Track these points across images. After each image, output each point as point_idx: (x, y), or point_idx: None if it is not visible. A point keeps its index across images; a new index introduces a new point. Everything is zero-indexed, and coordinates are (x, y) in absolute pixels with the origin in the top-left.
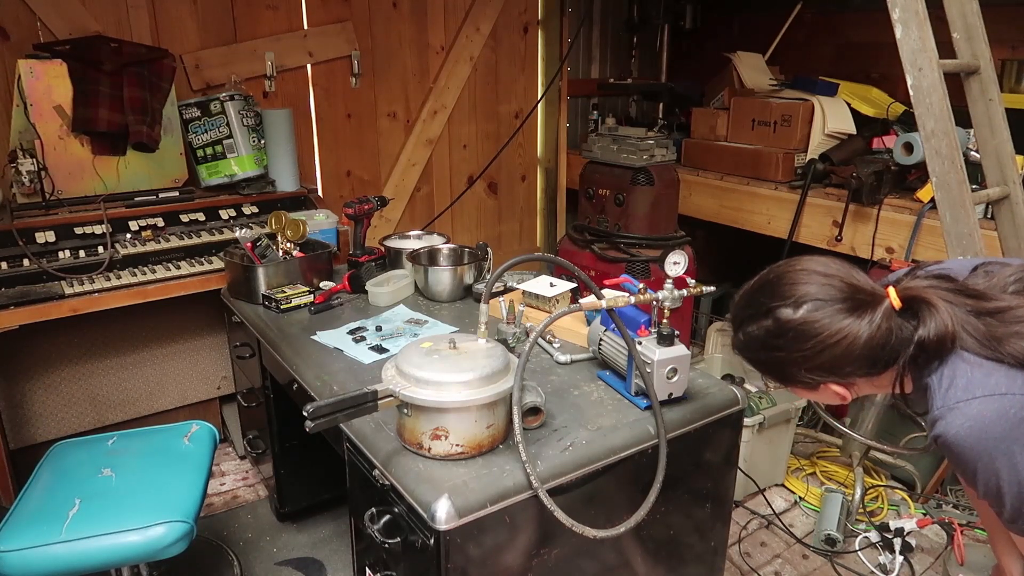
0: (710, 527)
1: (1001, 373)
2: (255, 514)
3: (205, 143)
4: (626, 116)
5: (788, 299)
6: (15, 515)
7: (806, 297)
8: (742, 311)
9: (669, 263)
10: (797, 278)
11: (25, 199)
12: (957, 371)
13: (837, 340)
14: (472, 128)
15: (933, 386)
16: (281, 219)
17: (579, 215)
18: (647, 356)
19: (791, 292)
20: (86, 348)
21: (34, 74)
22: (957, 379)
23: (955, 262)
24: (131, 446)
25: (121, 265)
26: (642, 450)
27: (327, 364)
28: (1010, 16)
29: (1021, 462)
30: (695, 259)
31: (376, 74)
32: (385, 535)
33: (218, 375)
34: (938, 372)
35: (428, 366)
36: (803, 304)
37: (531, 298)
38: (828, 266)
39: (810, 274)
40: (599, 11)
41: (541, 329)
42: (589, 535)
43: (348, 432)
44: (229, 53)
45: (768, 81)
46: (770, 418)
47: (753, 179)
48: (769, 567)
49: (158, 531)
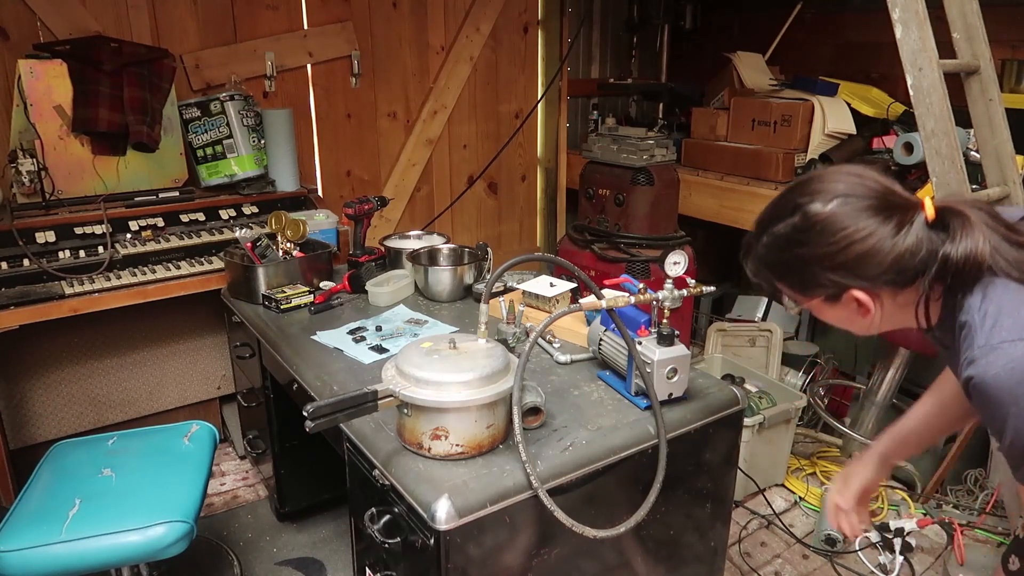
0: (710, 527)
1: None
2: (255, 514)
3: (205, 143)
4: (626, 116)
5: (817, 194)
6: (15, 515)
7: (836, 192)
8: (769, 214)
9: (669, 263)
10: (829, 176)
11: (25, 199)
12: (1003, 308)
13: (864, 236)
14: (472, 128)
15: (974, 322)
16: (281, 219)
17: (579, 215)
18: (647, 356)
19: (821, 188)
20: (86, 348)
21: (34, 74)
22: (1003, 318)
23: (1006, 208)
24: (131, 446)
25: (121, 265)
26: (642, 450)
27: (327, 364)
28: (1010, 16)
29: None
30: (695, 259)
31: (376, 74)
32: (385, 535)
33: (218, 375)
34: (981, 308)
35: (428, 366)
36: (833, 199)
37: (531, 298)
38: (864, 170)
39: (843, 174)
40: (599, 11)
41: (541, 329)
42: (589, 535)
43: (348, 432)
44: (229, 53)
45: (768, 81)
46: (770, 418)
47: (753, 179)
48: (769, 567)
49: (158, 531)
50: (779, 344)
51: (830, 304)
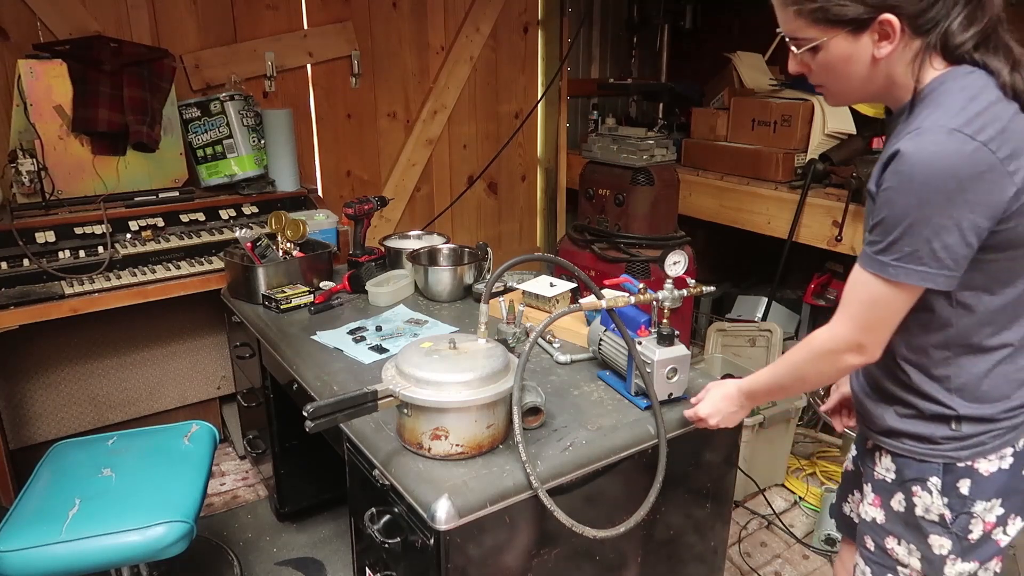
0: (710, 527)
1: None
2: (255, 514)
3: (205, 143)
4: (626, 116)
5: None
6: (15, 515)
7: None
8: None
9: (669, 263)
10: None
11: (25, 199)
12: (978, 96)
13: None
14: (472, 128)
15: (939, 98)
16: (281, 219)
17: (579, 215)
18: (647, 356)
19: None
20: (86, 348)
21: (34, 74)
22: (972, 105)
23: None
24: (131, 446)
25: (121, 265)
26: (642, 450)
27: (327, 364)
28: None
29: (934, 214)
30: (695, 259)
31: (376, 74)
32: (385, 535)
33: (218, 375)
34: (961, 80)
35: (428, 366)
36: None
37: (531, 298)
38: None
39: None
40: (599, 11)
41: (541, 329)
42: (589, 535)
43: (348, 432)
44: (229, 53)
45: (768, 81)
46: (770, 418)
47: (753, 179)
48: (769, 567)
49: (158, 531)
50: (779, 344)
51: (849, 37)
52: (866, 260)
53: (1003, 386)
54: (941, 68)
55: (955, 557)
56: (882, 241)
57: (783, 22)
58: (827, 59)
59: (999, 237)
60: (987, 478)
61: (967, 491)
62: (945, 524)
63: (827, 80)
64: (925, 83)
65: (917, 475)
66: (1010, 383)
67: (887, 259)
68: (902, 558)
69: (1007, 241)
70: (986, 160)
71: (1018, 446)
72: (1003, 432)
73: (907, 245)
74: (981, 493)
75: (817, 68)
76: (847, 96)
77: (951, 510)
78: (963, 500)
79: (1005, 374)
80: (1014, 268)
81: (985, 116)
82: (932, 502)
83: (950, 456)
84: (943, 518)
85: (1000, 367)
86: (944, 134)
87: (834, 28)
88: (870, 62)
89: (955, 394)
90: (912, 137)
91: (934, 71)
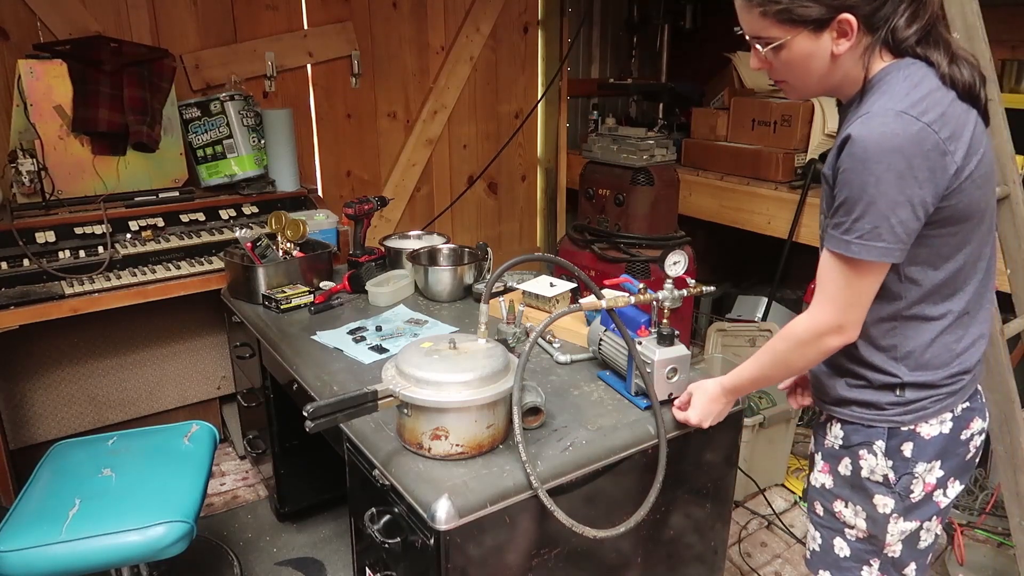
0: (710, 527)
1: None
2: (255, 514)
3: (205, 143)
4: (626, 116)
5: None
6: (15, 515)
7: None
8: None
9: (669, 263)
10: None
11: (25, 199)
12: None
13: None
14: (472, 128)
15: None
16: (281, 219)
17: (579, 215)
18: (647, 356)
19: None
20: (86, 348)
21: (34, 74)
22: (915, 92)
23: None
24: (131, 446)
25: (121, 265)
26: (642, 450)
27: (327, 364)
28: (1010, 16)
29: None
30: (695, 259)
31: (376, 74)
32: (385, 535)
33: (218, 375)
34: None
35: (428, 366)
36: None
37: (531, 298)
38: None
39: None
40: (599, 11)
41: (541, 329)
42: (589, 535)
43: (348, 432)
44: (229, 53)
45: (768, 81)
46: (770, 418)
47: (753, 179)
48: (769, 567)
49: (158, 531)
50: None
51: (811, 35)
52: (832, 242)
53: (943, 354)
54: (888, 60)
55: (897, 516)
56: (846, 221)
57: (747, 23)
58: (790, 57)
59: (942, 214)
60: (928, 441)
61: (909, 453)
62: (889, 484)
63: (789, 76)
64: (873, 73)
65: (864, 439)
66: (950, 351)
67: (851, 238)
68: (849, 520)
69: (948, 218)
70: (930, 139)
71: (956, 411)
72: (943, 397)
73: (868, 223)
74: (922, 455)
75: (779, 65)
76: (806, 91)
77: (894, 472)
78: (906, 462)
79: (946, 344)
80: (954, 243)
81: (927, 101)
82: (877, 463)
83: (895, 420)
84: (887, 479)
85: (942, 337)
86: (892, 116)
87: (797, 27)
88: (829, 58)
89: (900, 362)
90: (862, 121)
91: (881, 63)
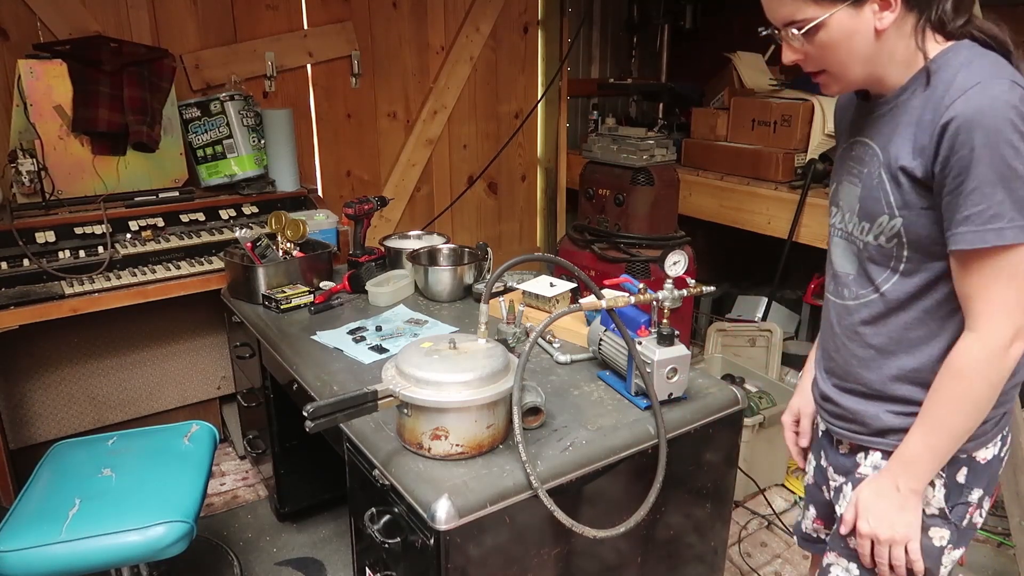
0: (710, 527)
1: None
2: (255, 514)
3: (205, 143)
4: (626, 116)
5: None
6: (15, 515)
7: None
8: None
9: (669, 263)
10: None
11: (25, 199)
12: (998, 59)
13: None
14: (472, 128)
15: (949, 70)
16: (281, 219)
17: (579, 215)
18: (647, 356)
19: None
20: (86, 348)
21: (34, 74)
22: (1002, 66)
23: None
24: (131, 446)
25: (121, 265)
26: (642, 450)
27: (327, 364)
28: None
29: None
30: (695, 259)
31: (376, 74)
32: (385, 535)
33: (218, 375)
34: (973, 48)
35: (428, 366)
36: None
37: (531, 298)
38: None
39: None
40: (599, 11)
41: (541, 329)
42: (589, 535)
43: (348, 432)
44: (229, 53)
45: (768, 81)
46: (770, 418)
47: (753, 179)
48: (769, 567)
49: (158, 531)
50: (779, 344)
51: (851, 9)
52: (974, 238)
53: (1020, 370)
54: (943, 43)
55: (951, 547)
56: (987, 208)
57: (777, 8)
58: (828, 39)
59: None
60: (984, 465)
61: (963, 479)
62: (945, 516)
63: (828, 63)
64: (933, 55)
65: None
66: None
67: (1001, 224)
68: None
69: None
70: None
71: (1004, 431)
72: (998, 418)
73: (1017, 200)
74: (977, 480)
75: (816, 52)
76: (849, 78)
77: (947, 501)
78: (959, 489)
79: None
80: None
81: (1016, 72)
82: (933, 496)
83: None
84: (943, 511)
85: None
86: (1007, 85)
87: (834, 3)
88: (874, 36)
89: None
90: (967, 98)
91: (938, 45)
